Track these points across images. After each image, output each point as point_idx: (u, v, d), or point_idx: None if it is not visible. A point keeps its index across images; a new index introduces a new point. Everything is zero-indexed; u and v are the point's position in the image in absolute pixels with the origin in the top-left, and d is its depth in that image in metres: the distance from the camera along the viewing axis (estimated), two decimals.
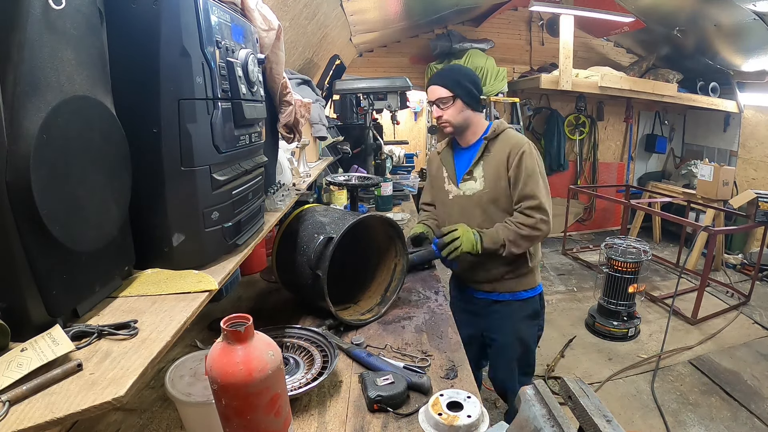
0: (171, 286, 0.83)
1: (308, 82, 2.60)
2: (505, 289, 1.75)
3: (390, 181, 3.14)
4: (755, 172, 5.23)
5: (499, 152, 1.62)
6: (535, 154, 1.60)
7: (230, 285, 1.76)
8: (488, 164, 1.64)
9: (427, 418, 1.00)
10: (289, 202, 1.51)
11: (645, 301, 3.88)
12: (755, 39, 4.15)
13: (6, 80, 0.55)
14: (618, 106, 6.03)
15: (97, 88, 0.72)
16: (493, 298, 1.78)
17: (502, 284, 1.74)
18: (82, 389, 0.56)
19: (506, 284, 1.74)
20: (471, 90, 1.63)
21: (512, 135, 1.65)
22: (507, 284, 1.74)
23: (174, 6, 0.79)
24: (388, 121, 4.21)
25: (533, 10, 4.79)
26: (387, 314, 1.57)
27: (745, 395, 2.61)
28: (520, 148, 1.58)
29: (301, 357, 1.22)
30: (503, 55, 5.56)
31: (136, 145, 0.80)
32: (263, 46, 1.18)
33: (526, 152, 1.58)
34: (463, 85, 1.62)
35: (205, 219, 0.90)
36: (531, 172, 1.57)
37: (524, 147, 1.59)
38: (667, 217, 4.23)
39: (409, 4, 3.92)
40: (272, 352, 0.72)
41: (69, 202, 0.65)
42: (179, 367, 0.94)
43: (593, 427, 0.70)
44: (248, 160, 1.08)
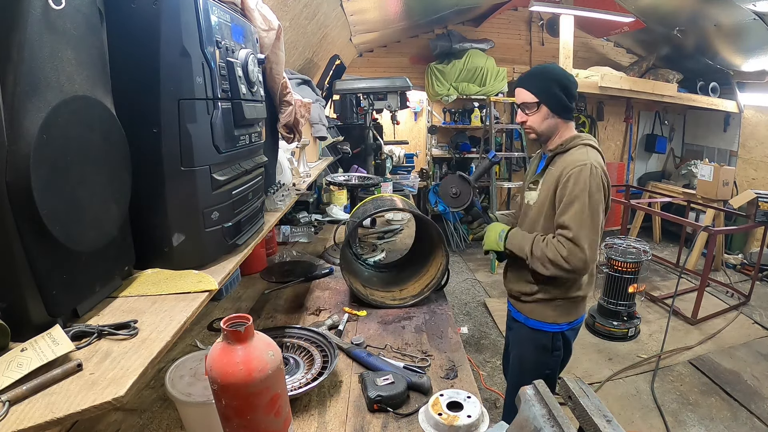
0: (171, 286, 0.83)
1: (308, 82, 2.60)
2: (520, 309, 1.65)
3: (390, 181, 3.14)
4: (755, 172, 5.23)
5: (558, 168, 1.47)
6: (585, 178, 1.38)
7: (230, 285, 1.76)
8: (548, 178, 1.51)
9: (427, 418, 1.00)
10: (289, 202, 1.51)
11: (645, 301, 3.88)
12: (755, 39, 4.15)
13: (6, 80, 0.55)
14: (618, 106, 6.03)
15: (97, 88, 0.72)
16: (513, 313, 1.72)
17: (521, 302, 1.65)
18: (82, 389, 0.56)
19: (524, 304, 1.63)
20: (560, 97, 1.47)
21: (576, 152, 1.46)
22: (525, 305, 1.63)
23: (174, 6, 0.79)
24: (388, 121, 4.22)
25: (533, 10, 4.78)
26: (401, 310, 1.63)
27: (745, 395, 2.61)
28: (573, 169, 1.40)
29: (301, 357, 1.22)
30: (503, 55, 5.56)
31: (136, 145, 0.80)
32: (263, 46, 1.18)
33: (574, 174, 1.39)
34: (552, 92, 1.47)
35: (205, 219, 0.90)
36: (573, 198, 1.39)
37: (576, 168, 1.40)
38: (667, 217, 4.23)
39: (409, 4, 3.92)
40: (272, 352, 0.72)
41: (69, 202, 0.65)
42: (179, 367, 0.94)
43: (593, 427, 0.70)
44: (248, 160, 1.08)
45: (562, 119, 1.52)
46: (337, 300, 1.70)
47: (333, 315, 1.54)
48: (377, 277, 1.91)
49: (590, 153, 1.45)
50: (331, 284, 1.85)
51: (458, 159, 5.76)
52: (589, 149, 1.47)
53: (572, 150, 1.48)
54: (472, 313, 3.80)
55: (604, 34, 5.66)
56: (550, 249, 1.41)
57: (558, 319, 1.57)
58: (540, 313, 1.58)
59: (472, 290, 4.30)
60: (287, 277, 1.88)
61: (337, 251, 2.17)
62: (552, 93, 1.48)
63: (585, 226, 1.38)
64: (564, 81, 1.49)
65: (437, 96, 5.29)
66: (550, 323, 1.58)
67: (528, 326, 1.62)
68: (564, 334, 1.60)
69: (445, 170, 5.94)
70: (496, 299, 3.99)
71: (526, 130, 1.57)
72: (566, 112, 1.51)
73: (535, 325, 1.60)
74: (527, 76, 1.54)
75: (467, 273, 4.74)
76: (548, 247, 1.42)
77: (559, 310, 1.57)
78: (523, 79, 1.53)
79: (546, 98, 1.49)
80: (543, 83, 1.49)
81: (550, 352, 1.61)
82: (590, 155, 1.44)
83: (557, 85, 1.48)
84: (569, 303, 1.57)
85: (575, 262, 1.37)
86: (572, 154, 1.47)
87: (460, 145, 5.66)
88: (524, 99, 1.52)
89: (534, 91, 1.49)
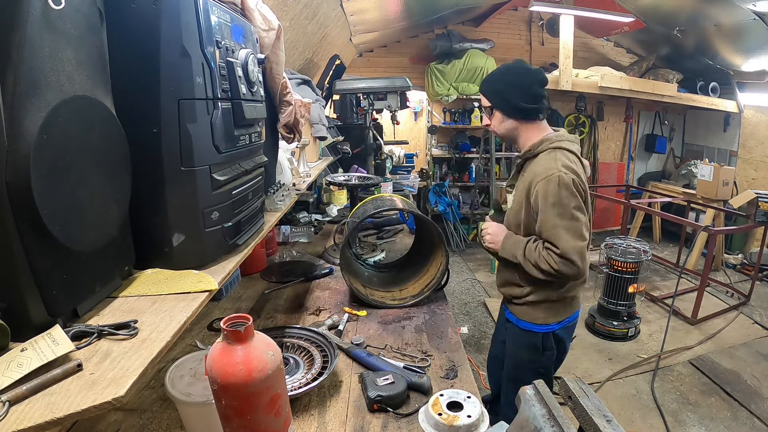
0: (171, 286, 0.83)
1: (308, 82, 2.60)
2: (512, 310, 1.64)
3: (390, 181, 3.14)
4: (755, 172, 5.23)
5: (528, 176, 1.43)
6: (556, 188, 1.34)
7: (230, 285, 1.76)
8: (520, 184, 1.48)
9: (427, 418, 1.00)
10: (289, 202, 1.51)
11: (645, 301, 3.88)
12: (755, 39, 4.15)
13: (6, 80, 0.55)
14: (618, 106, 6.03)
15: (97, 88, 0.72)
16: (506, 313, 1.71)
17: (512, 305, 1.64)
18: (82, 389, 0.56)
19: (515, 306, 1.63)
20: (511, 100, 1.44)
21: (544, 159, 1.41)
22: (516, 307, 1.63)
23: (174, 6, 0.79)
24: (388, 121, 4.22)
25: (533, 10, 4.78)
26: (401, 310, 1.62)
27: (745, 395, 2.61)
28: (540, 181, 1.36)
29: (301, 357, 1.22)
30: (503, 55, 5.56)
31: (136, 145, 0.80)
32: (263, 46, 1.18)
33: (542, 188, 1.35)
34: (503, 95, 1.45)
35: (205, 219, 0.90)
36: (548, 213, 1.35)
37: (543, 181, 1.35)
38: (667, 217, 4.23)
39: (409, 4, 3.92)
40: (272, 352, 0.72)
41: (69, 201, 0.64)
42: (179, 367, 0.94)
43: (593, 427, 0.70)
44: (248, 160, 1.08)
45: (521, 121, 1.48)
46: (337, 300, 1.70)
47: (333, 315, 1.54)
48: (377, 277, 1.91)
49: (558, 158, 1.39)
50: (331, 284, 1.85)
51: (458, 159, 5.76)
52: (557, 153, 1.40)
53: (541, 155, 1.44)
54: (472, 313, 3.80)
55: (604, 34, 5.66)
56: (542, 261, 1.38)
57: (548, 320, 1.56)
58: (530, 315, 1.58)
59: (472, 290, 4.30)
60: (287, 277, 1.88)
61: (337, 251, 2.17)
62: (503, 97, 1.46)
63: (569, 238, 1.34)
64: (522, 81, 1.44)
65: (437, 96, 5.29)
66: (540, 324, 1.57)
67: (519, 327, 1.62)
68: (555, 334, 1.59)
69: (445, 170, 5.94)
70: (496, 299, 3.99)
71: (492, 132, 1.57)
72: (523, 114, 1.46)
73: (525, 326, 1.60)
74: (485, 79, 1.53)
75: (467, 273, 4.74)
76: (540, 258, 1.38)
77: (548, 311, 1.56)
78: (483, 82, 1.53)
79: (497, 102, 1.48)
80: (495, 86, 1.48)
81: (541, 351, 1.60)
82: (558, 161, 1.38)
83: (510, 87, 1.45)
84: (558, 304, 1.56)
85: (568, 272, 1.36)
86: (540, 162, 1.42)
87: (460, 145, 5.66)
88: (484, 103, 1.53)
89: (487, 95, 1.50)
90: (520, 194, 1.46)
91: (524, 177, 1.47)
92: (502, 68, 1.54)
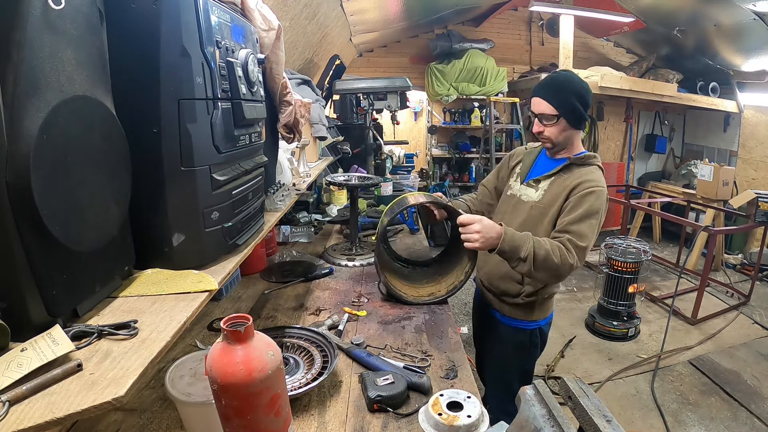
0: (171, 286, 0.83)
1: (308, 82, 2.60)
2: (500, 308, 1.68)
3: (390, 181, 3.14)
4: (755, 172, 5.23)
5: (571, 178, 1.48)
6: (604, 200, 1.44)
7: (230, 285, 1.76)
8: (557, 183, 1.52)
9: (427, 418, 1.00)
10: (289, 202, 1.51)
11: (645, 301, 3.88)
12: (755, 39, 4.15)
13: (6, 80, 0.55)
14: (618, 106, 6.04)
15: (97, 88, 0.72)
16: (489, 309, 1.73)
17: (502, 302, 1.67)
18: (82, 389, 0.56)
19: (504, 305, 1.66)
20: (578, 109, 1.47)
21: (596, 173, 1.49)
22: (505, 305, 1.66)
23: (174, 6, 0.79)
24: (388, 121, 4.22)
25: (533, 10, 4.79)
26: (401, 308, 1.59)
27: (745, 395, 2.61)
28: (593, 186, 1.43)
29: (301, 357, 1.22)
30: (503, 55, 5.57)
31: (136, 145, 0.80)
32: (263, 46, 1.18)
33: (596, 192, 1.42)
34: (572, 105, 1.46)
35: (205, 219, 0.90)
36: (592, 213, 1.41)
37: (597, 188, 1.43)
38: (667, 217, 4.23)
39: (409, 4, 3.92)
40: (272, 352, 0.72)
41: (69, 202, 0.65)
42: (179, 367, 0.94)
43: (593, 427, 0.70)
44: (248, 160, 1.08)
45: (577, 129, 1.53)
46: (337, 300, 1.70)
47: (333, 315, 1.54)
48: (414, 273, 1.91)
49: (603, 177, 1.50)
50: (331, 284, 1.85)
51: (458, 159, 5.76)
52: (602, 173, 1.51)
53: (590, 167, 1.51)
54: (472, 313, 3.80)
55: (604, 34, 5.66)
56: (555, 253, 1.36)
57: (538, 316, 1.62)
58: (522, 313, 1.61)
59: (472, 290, 4.29)
60: (287, 277, 1.88)
61: (338, 251, 2.17)
62: (572, 106, 1.46)
63: (589, 242, 1.41)
64: (582, 92, 1.47)
65: (437, 96, 5.29)
66: (530, 321, 1.62)
67: (510, 326, 1.65)
68: (541, 329, 1.66)
69: (445, 170, 5.94)
70: None
71: (542, 140, 1.56)
72: (582, 123, 1.53)
73: (517, 324, 1.63)
74: (547, 86, 1.50)
75: None
76: (554, 252, 1.36)
77: (538, 308, 1.60)
78: (544, 90, 1.49)
79: (566, 112, 1.47)
80: (564, 96, 1.46)
81: (528, 349, 1.66)
82: (604, 180, 1.49)
83: (577, 97, 1.46)
84: (548, 300, 1.62)
85: (575, 267, 1.39)
86: (592, 172, 1.48)
87: (460, 145, 5.66)
88: (543, 110, 1.49)
89: (554, 103, 1.47)
90: (557, 192, 1.50)
91: (564, 178, 1.51)
92: (567, 78, 1.52)
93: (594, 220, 1.41)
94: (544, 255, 1.35)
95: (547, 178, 1.55)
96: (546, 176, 1.55)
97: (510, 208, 1.63)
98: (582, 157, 1.52)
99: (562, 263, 1.35)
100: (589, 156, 1.53)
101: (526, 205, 1.56)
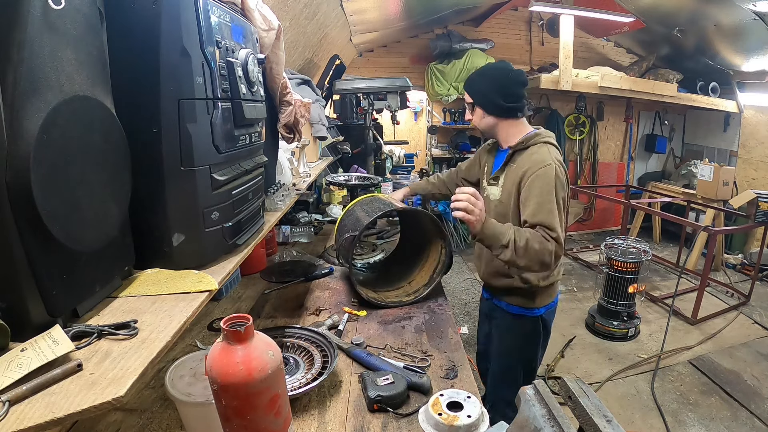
0: (171, 286, 0.83)
1: (308, 82, 2.60)
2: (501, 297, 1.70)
3: (390, 181, 3.14)
4: (755, 172, 5.23)
5: (519, 167, 1.49)
6: (553, 177, 1.41)
7: (230, 285, 1.76)
8: (509, 175, 1.54)
9: (427, 418, 1.00)
10: (289, 202, 1.51)
11: (645, 301, 3.88)
12: (755, 39, 4.15)
13: (6, 80, 0.55)
14: (618, 106, 6.03)
15: (97, 88, 0.72)
16: (494, 302, 1.74)
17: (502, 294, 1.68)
18: (82, 389, 0.56)
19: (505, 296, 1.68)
20: (492, 97, 1.52)
21: (539, 152, 1.48)
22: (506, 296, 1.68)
23: (174, 6, 0.79)
24: (388, 121, 4.22)
25: (533, 10, 4.78)
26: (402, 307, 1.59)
27: (745, 395, 2.61)
28: (536, 168, 1.43)
29: (301, 357, 1.22)
30: (503, 55, 5.56)
31: (136, 145, 0.80)
32: (263, 46, 1.18)
33: (539, 174, 1.42)
34: (484, 94, 1.54)
35: (205, 219, 0.90)
36: (545, 196, 1.40)
37: (542, 169, 1.42)
38: (667, 217, 4.23)
39: (409, 4, 3.92)
40: (272, 352, 0.72)
41: (69, 202, 0.64)
42: (179, 367, 0.94)
43: (593, 427, 0.70)
44: (248, 160, 1.08)
45: (501, 118, 1.57)
46: (337, 300, 1.70)
47: (333, 315, 1.54)
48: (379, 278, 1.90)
49: (551, 151, 1.49)
50: (331, 284, 1.85)
51: (458, 159, 5.75)
52: (549, 147, 1.50)
53: (532, 148, 1.51)
54: (472, 313, 3.80)
55: (604, 34, 5.66)
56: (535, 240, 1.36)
57: (539, 303, 1.64)
58: (523, 301, 1.64)
59: (472, 290, 4.30)
60: (287, 277, 1.88)
61: (340, 252, 2.16)
62: (484, 95, 1.55)
63: (561, 225, 1.41)
64: (501, 82, 1.53)
65: (437, 96, 5.29)
66: (530, 308, 1.64)
67: (511, 313, 1.68)
68: (542, 318, 1.67)
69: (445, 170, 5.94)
70: None
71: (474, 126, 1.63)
72: (505, 112, 1.55)
73: (518, 311, 1.66)
74: (468, 77, 1.61)
75: (467, 273, 4.74)
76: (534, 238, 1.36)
77: (538, 296, 1.63)
78: (466, 80, 1.62)
79: (479, 99, 1.57)
80: (477, 86, 1.57)
81: (532, 337, 1.69)
82: (552, 154, 1.48)
83: (492, 87, 1.53)
84: (550, 288, 1.64)
85: (557, 254, 1.40)
86: (534, 153, 1.49)
87: (460, 145, 5.66)
88: (466, 99, 1.62)
89: (470, 92, 1.59)
90: (510, 184, 1.52)
91: (513, 168, 1.53)
92: (486, 67, 1.64)
93: (550, 203, 1.40)
94: (524, 243, 1.35)
95: (502, 172, 1.59)
96: (500, 170, 1.60)
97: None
98: (521, 141, 1.53)
99: (542, 248, 1.36)
100: (528, 138, 1.53)
101: (492, 204, 1.61)
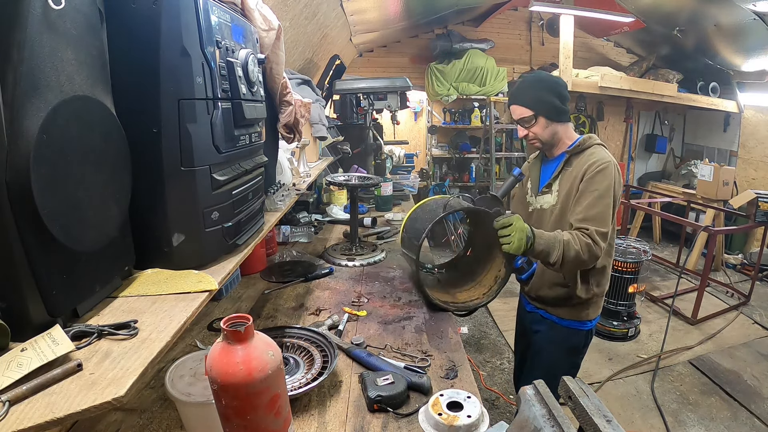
0: (171, 286, 0.83)
1: (308, 82, 2.60)
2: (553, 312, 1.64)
3: (390, 181, 3.14)
4: (755, 172, 5.23)
5: (577, 168, 1.49)
6: (613, 175, 1.43)
7: (230, 285, 1.76)
8: (565, 179, 1.53)
9: (427, 418, 1.00)
10: (289, 202, 1.51)
11: (645, 301, 3.88)
12: (755, 39, 4.15)
13: (6, 80, 0.55)
14: (618, 106, 6.04)
15: (97, 88, 0.72)
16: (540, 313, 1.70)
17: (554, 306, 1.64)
18: (82, 389, 0.56)
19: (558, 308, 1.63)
20: (553, 103, 1.50)
21: (597, 152, 1.49)
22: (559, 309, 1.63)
23: (174, 6, 0.79)
24: (388, 121, 4.22)
25: (533, 10, 4.78)
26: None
27: (745, 395, 2.61)
28: (597, 166, 1.43)
29: (301, 357, 1.22)
30: (503, 55, 5.56)
31: (136, 145, 0.80)
32: (263, 46, 1.18)
33: (600, 171, 1.42)
34: (545, 100, 1.50)
35: (205, 219, 0.90)
36: (602, 192, 1.41)
37: (602, 165, 1.43)
38: (667, 217, 4.23)
39: (409, 4, 3.92)
40: (272, 352, 0.72)
41: (69, 201, 0.64)
42: (179, 367, 0.94)
43: (593, 427, 0.70)
44: (248, 160, 1.08)
45: (561, 122, 1.55)
46: (337, 300, 1.70)
47: (333, 315, 1.54)
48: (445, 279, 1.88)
49: (608, 152, 1.51)
50: (331, 284, 1.85)
51: (458, 159, 5.76)
52: (605, 149, 1.52)
53: (589, 150, 1.51)
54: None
55: (604, 34, 5.66)
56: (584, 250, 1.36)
57: (591, 315, 1.62)
58: (576, 313, 1.60)
59: None
60: (287, 277, 1.88)
61: (338, 251, 2.17)
62: (545, 101, 1.50)
63: (611, 218, 1.41)
64: (554, 86, 1.52)
65: (437, 96, 5.29)
66: (583, 321, 1.61)
67: (562, 326, 1.63)
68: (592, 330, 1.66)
69: (445, 170, 5.94)
70: (496, 299, 3.98)
71: (531, 141, 1.58)
72: (563, 115, 1.54)
73: (570, 324, 1.62)
74: (518, 91, 1.56)
75: None
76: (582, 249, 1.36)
77: (592, 307, 1.61)
78: (515, 95, 1.55)
79: (541, 108, 1.51)
80: (535, 94, 1.51)
81: (580, 350, 1.67)
82: (609, 154, 1.49)
83: (549, 92, 1.51)
84: (600, 298, 1.62)
85: (593, 261, 1.41)
86: (592, 154, 1.49)
87: (460, 145, 5.66)
88: (521, 114, 1.54)
89: (528, 104, 1.52)
90: (568, 186, 1.50)
91: (569, 172, 1.52)
92: (531, 79, 1.58)
93: (607, 199, 1.41)
94: (573, 256, 1.37)
95: (555, 179, 1.56)
96: (554, 178, 1.57)
97: (537, 219, 1.63)
98: (577, 145, 1.54)
99: (589, 258, 1.38)
100: (583, 141, 1.54)
101: (548, 212, 1.58)
